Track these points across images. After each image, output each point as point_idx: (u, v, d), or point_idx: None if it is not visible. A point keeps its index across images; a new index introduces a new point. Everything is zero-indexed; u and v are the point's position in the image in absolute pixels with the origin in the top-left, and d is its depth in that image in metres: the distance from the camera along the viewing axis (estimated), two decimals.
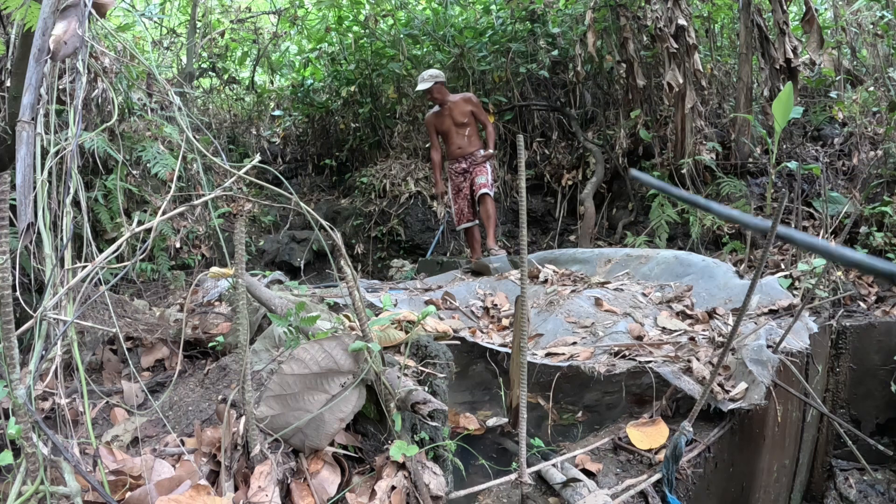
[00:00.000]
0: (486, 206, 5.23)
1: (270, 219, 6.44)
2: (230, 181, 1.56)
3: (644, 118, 6.01)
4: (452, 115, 5.15)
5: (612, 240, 5.95)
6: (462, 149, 5.24)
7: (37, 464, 1.15)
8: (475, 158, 5.25)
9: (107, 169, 3.82)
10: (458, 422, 2.28)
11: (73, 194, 1.52)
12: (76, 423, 1.60)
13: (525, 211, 1.51)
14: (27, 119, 1.43)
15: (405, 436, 1.51)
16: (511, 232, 6.59)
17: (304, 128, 8.25)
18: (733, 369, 2.32)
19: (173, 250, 4.42)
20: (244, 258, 1.33)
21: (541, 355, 2.64)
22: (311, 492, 1.38)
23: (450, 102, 5.12)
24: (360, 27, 7.44)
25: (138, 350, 2.31)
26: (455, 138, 5.25)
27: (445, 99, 5.10)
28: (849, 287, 3.83)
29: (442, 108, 5.13)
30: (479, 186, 5.21)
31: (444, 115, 5.16)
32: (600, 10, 6.05)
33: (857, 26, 6.41)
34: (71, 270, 1.42)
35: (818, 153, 5.63)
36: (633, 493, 1.76)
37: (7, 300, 1.06)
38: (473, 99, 5.21)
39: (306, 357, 1.43)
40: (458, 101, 5.14)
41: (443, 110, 5.14)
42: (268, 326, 2.05)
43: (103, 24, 1.78)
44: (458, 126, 5.20)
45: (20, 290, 1.41)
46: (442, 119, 5.19)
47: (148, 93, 4.65)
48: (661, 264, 3.93)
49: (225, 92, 8.12)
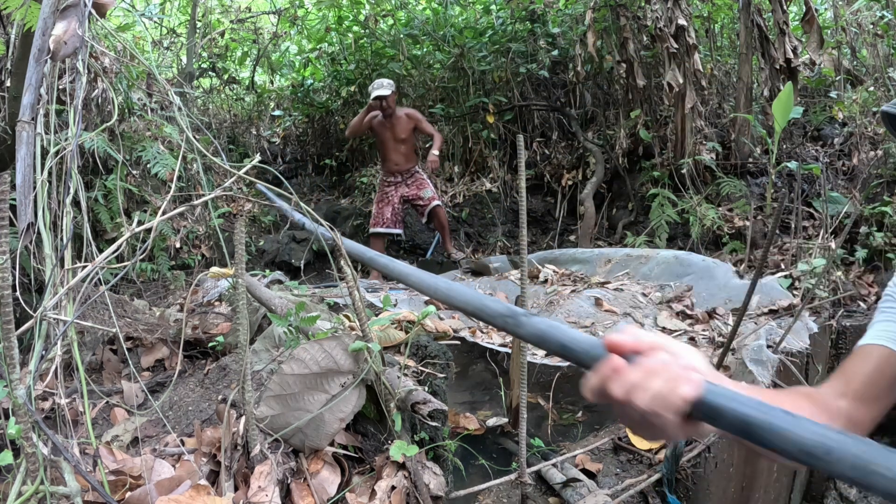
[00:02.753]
0: (439, 217, 5.46)
1: (270, 219, 6.44)
2: (230, 181, 1.56)
3: (644, 118, 6.01)
4: (394, 129, 5.22)
5: (612, 240, 5.94)
6: (399, 165, 5.37)
7: (37, 464, 1.15)
8: (410, 174, 5.41)
9: (107, 169, 3.82)
10: (458, 422, 2.28)
11: (73, 194, 1.52)
12: (76, 423, 1.60)
13: (525, 211, 1.51)
14: (27, 119, 1.43)
15: (405, 436, 1.51)
16: (511, 232, 6.59)
17: (304, 128, 8.24)
18: (733, 369, 2.32)
19: (173, 250, 4.42)
20: (244, 258, 1.33)
21: (541, 355, 2.64)
22: (311, 492, 1.38)
23: (395, 116, 5.16)
24: (360, 27, 7.44)
25: (138, 350, 2.30)
26: (391, 153, 5.34)
27: (393, 110, 5.14)
28: (849, 287, 3.83)
29: (386, 118, 5.16)
30: (429, 200, 5.38)
31: (385, 126, 5.20)
32: (600, 10, 6.04)
33: (857, 26, 6.41)
34: (71, 270, 1.42)
35: (818, 153, 5.63)
36: (632, 492, 1.76)
37: (7, 300, 1.06)
38: (417, 115, 5.29)
39: (306, 357, 1.43)
40: (403, 116, 5.20)
41: (386, 121, 5.18)
42: (268, 326, 2.05)
43: (103, 24, 1.78)
44: (397, 141, 5.28)
45: (20, 290, 1.41)
46: (383, 129, 5.24)
47: (148, 93, 4.65)
48: (661, 264, 3.93)
49: (225, 92, 8.12)
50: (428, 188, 5.45)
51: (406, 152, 5.36)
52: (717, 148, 5.54)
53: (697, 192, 5.38)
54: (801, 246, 4.14)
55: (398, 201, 5.43)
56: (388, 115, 5.12)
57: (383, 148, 5.38)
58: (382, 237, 5.43)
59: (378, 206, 5.46)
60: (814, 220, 4.89)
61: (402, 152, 5.33)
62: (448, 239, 5.58)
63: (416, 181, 5.44)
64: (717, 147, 5.53)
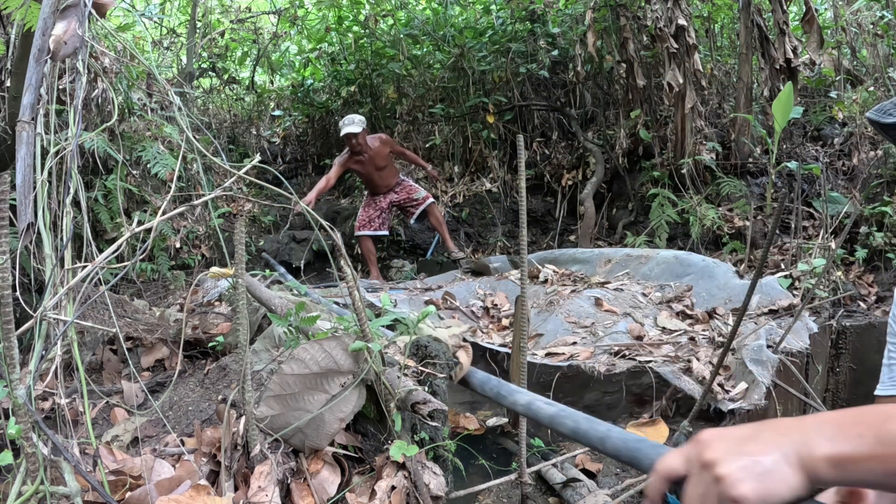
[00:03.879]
0: (434, 215, 5.50)
1: (270, 219, 6.44)
2: (230, 181, 1.56)
3: (644, 118, 6.01)
4: (374, 160, 5.24)
5: (612, 240, 5.94)
6: (387, 185, 5.45)
7: (37, 464, 1.15)
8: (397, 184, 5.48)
9: (107, 169, 3.82)
10: (458, 422, 2.28)
11: (73, 194, 1.52)
12: (76, 423, 1.60)
13: (525, 211, 1.51)
14: (27, 119, 1.43)
15: (405, 436, 1.51)
16: (511, 232, 6.59)
17: (304, 128, 8.24)
18: (733, 369, 2.32)
19: (173, 250, 4.42)
20: (244, 258, 1.33)
21: (541, 355, 2.65)
22: (311, 492, 1.38)
23: (370, 151, 5.15)
24: (360, 27, 7.43)
25: (138, 350, 2.31)
26: (376, 181, 5.41)
27: (367, 147, 5.12)
28: (849, 287, 3.83)
29: (361, 155, 5.14)
30: (423, 200, 5.43)
31: (363, 162, 5.21)
32: (600, 10, 6.04)
33: (857, 26, 6.41)
34: (71, 270, 1.42)
35: (818, 153, 5.63)
36: (632, 492, 1.76)
37: (7, 300, 1.06)
38: (387, 139, 5.35)
39: (306, 357, 1.43)
40: (378, 146, 5.20)
41: (362, 158, 5.16)
42: (268, 326, 2.05)
43: (103, 24, 1.78)
44: (379, 170, 5.33)
45: (20, 290, 1.41)
46: (362, 165, 5.25)
47: (148, 93, 4.65)
48: (661, 264, 3.93)
49: (225, 92, 8.12)
50: (419, 190, 5.51)
51: (388, 174, 5.44)
52: (717, 148, 5.53)
53: (697, 192, 5.37)
54: (801, 246, 4.14)
55: (386, 206, 5.50)
56: (360, 151, 5.11)
57: (367, 180, 5.47)
58: (371, 238, 5.46)
59: (365, 210, 5.52)
60: (814, 220, 4.89)
61: (385, 175, 5.42)
62: (448, 237, 5.58)
63: (403, 187, 5.52)
64: (717, 147, 5.53)
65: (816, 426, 0.60)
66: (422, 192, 5.51)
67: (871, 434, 0.58)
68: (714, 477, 0.59)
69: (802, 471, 0.58)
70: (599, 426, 1.05)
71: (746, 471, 0.58)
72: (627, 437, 0.96)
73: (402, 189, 5.50)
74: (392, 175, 5.47)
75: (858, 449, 0.57)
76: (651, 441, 0.89)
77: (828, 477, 0.58)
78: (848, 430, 0.59)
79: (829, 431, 0.59)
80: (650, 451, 0.93)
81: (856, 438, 0.58)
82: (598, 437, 1.03)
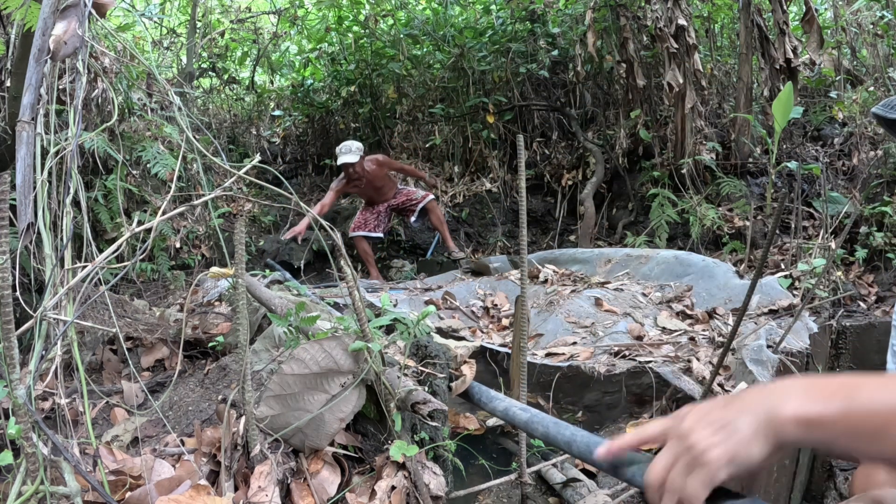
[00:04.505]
0: (435, 213, 5.49)
1: (270, 219, 6.43)
2: (230, 181, 1.56)
3: (644, 118, 6.01)
4: (372, 182, 5.27)
5: (612, 240, 5.94)
6: (386, 198, 5.48)
7: (37, 464, 1.15)
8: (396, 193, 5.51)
9: (107, 169, 3.82)
10: (458, 422, 2.28)
11: (73, 194, 1.52)
12: (76, 423, 1.60)
13: (525, 211, 1.51)
14: (27, 119, 1.43)
15: (405, 436, 1.51)
16: (511, 232, 6.59)
17: (304, 128, 8.24)
18: (733, 369, 2.32)
19: (173, 250, 4.42)
20: (244, 258, 1.33)
21: (541, 355, 2.65)
22: (311, 492, 1.38)
23: (368, 176, 5.15)
24: (360, 27, 7.43)
25: (138, 350, 2.30)
26: (375, 199, 5.45)
27: (364, 172, 5.11)
28: (849, 287, 3.82)
29: (359, 180, 5.14)
30: (422, 198, 5.44)
31: (360, 186, 5.23)
32: (600, 10, 6.04)
33: (857, 26, 6.41)
34: (71, 270, 1.42)
35: (818, 153, 5.63)
36: (632, 492, 1.76)
37: (7, 300, 1.06)
38: (383, 159, 5.36)
39: (306, 357, 1.43)
40: (375, 169, 5.21)
41: (360, 183, 5.17)
42: (268, 326, 2.05)
43: (103, 24, 1.78)
44: (377, 189, 5.37)
45: (20, 290, 1.41)
46: (360, 189, 5.30)
47: (148, 93, 4.65)
48: (661, 264, 3.93)
49: (225, 92, 8.11)
50: (414, 193, 5.54)
51: (387, 189, 5.47)
52: (717, 148, 5.53)
53: (697, 192, 5.38)
54: (801, 246, 4.14)
55: (384, 209, 5.53)
56: (358, 178, 5.10)
57: (366, 199, 5.51)
58: (366, 239, 5.47)
59: (362, 213, 5.55)
60: (814, 220, 4.89)
61: (384, 191, 5.45)
62: (448, 236, 5.59)
63: (402, 193, 5.56)
64: (717, 147, 5.53)
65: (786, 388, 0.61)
66: (420, 192, 5.55)
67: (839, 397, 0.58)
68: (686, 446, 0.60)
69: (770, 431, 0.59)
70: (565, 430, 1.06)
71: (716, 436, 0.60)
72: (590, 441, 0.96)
73: (401, 194, 5.54)
74: (390, 188, 5.51)
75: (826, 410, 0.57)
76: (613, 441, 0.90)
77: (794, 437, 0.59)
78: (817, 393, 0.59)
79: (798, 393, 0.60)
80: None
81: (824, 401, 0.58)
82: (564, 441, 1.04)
